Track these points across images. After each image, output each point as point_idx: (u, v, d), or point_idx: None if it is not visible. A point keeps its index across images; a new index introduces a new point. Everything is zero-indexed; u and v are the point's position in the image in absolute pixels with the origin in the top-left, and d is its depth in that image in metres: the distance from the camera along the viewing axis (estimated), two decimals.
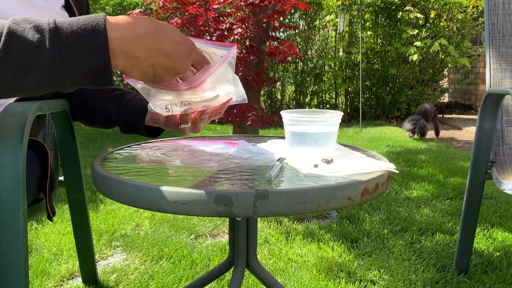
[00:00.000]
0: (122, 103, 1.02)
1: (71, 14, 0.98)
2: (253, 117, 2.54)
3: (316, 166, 0.76)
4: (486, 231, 1.97)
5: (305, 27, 6.42)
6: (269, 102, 6.49)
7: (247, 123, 2.54)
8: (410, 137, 4.62)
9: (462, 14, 6.19)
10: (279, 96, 6.60)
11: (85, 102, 1.09)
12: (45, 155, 0.99)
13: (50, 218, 1.01)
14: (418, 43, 5.85)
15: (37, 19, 0.59)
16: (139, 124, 0.99)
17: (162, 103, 0.73)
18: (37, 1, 0.88)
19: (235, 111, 2.57)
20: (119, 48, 0.60)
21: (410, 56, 5.87)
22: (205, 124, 0.88)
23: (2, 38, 0.56)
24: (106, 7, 6.07)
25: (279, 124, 5.96)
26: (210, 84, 0.71)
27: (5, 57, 0.56)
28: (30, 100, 0.86)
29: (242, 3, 2.62)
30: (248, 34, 2.75)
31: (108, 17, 0.61)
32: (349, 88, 6.54)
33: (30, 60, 0.57)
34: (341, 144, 1.01)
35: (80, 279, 1.51)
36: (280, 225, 2.02)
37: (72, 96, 1.08)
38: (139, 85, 0.71)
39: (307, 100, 6.63)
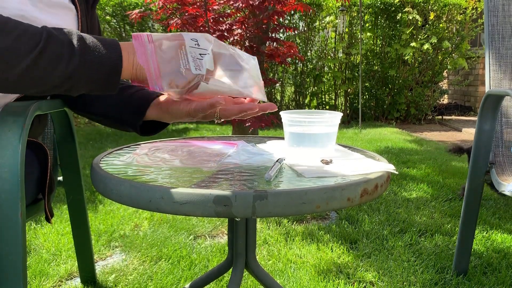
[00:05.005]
0: (122, 97, 0.96)
1: (75, 7, 0.98)
2: (252, 118, 2.53)
3: (315, 166, 0.76)
4: (485, 232, 1.97)
5: (305, 28, 6.42)
6: None
7: (246, 124, 2.53)
8: None
9: (461, 15, 6.19)
10: (278, 97, 6.60)
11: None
12: (45, 156, 0.99)
13: (48, 220, 1.01)
14: (413, 44, 5.86)
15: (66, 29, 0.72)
16: (136, 121, 0.95)
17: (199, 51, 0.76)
18: None
19: None
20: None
21: (405, 56, 5.87)
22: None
23: (44, 34, 0.67)
24: (106, 8, 6.06)
25: (278, 125, 5.95)
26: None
27: (44, 49, 0.67)
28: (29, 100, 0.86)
29: (243, 5, 2.62)
30: (247, 35, 2.75)
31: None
32: (349, 89, 6.55)
33: (63, 52, 0.68)
34: (340, 145, 1.01)
35: (78, 280, 1.50)
36: (279, 226, 2.02)
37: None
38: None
39: (306, 101, 6.63)
